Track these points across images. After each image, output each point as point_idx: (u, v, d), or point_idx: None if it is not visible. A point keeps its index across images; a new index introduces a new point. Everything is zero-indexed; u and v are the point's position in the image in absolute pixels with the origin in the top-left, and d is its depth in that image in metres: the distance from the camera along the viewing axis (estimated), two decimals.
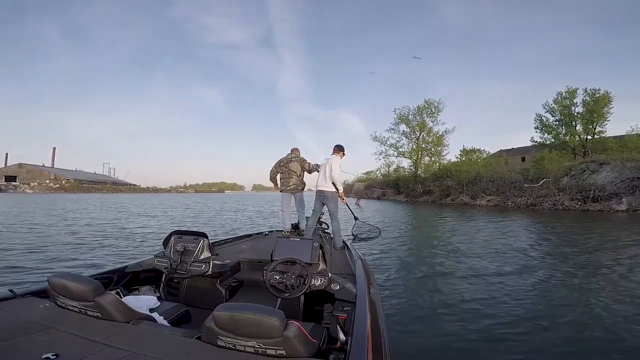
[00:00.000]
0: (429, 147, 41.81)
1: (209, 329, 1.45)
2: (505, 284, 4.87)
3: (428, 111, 41.53)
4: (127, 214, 17.76)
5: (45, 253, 6.82)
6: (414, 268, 6.01)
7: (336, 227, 4.63)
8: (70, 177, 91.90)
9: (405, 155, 43.66)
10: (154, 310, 2.17)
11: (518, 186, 27.01)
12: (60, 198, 41.86)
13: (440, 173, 36.37)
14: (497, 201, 27.22)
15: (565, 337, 3.20)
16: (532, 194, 24.78)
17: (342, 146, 4.94)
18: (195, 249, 2.83)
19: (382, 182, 50.45)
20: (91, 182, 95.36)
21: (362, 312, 1.88)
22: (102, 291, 1.74)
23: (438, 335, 3.22)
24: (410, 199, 37.77)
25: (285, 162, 5.24)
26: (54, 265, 5.87)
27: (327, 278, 2.47)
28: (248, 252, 3.79)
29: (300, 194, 5.35)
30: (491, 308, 3.92)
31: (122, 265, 2.97)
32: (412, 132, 42.63)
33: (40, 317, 1.68)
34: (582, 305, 4.02)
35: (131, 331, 1.65)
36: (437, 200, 33.64)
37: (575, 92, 32.37)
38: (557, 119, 34.31)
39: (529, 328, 3.37)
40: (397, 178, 45.12)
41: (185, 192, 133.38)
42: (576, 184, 22.90)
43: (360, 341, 1.53)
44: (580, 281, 5.10)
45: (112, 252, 7.18)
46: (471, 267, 5.97)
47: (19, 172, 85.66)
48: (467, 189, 31.31)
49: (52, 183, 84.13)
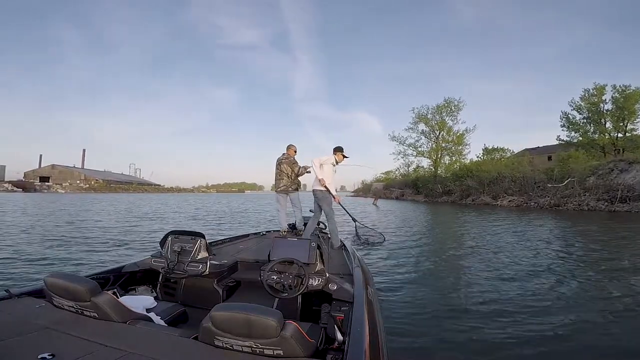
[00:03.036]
0: (449, 147, 41.20)
1: (206, 329, 1.46)
2: (517, 287, 4.67)
3: (448, 110, 41.03)
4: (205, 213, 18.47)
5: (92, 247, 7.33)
6: (420, 268, 5.92)
7: (332, 227, 4.62)
8: (99, 177, 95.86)
9: (424, 154, 43.25)
10: (150, 310, 2.17)
11: (542, 186, 26.26)
12: (98, 197, 43.74)
13: (461, 173, 35.80)
14: (520, 201, 26.57)
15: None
16: (556, 194, 24.07)
17: (341, 147, 4.95)
18: (192, 249, 2.82)
19: (401, 182, 50.01)
20: (118, 182, 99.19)
21: (359, 312, 1.89)
22: (98, 291, 1.75)
23: (437, 335, 3.19)
24: (430, 199, 37.36)
25: (277, 162, 5.32)
26: (105, 258, 6.26)
27: (325, 278, 2.46)
28: (245, 252, 3.82)
29: (295, 194, 5.38)
30: (495, 311, 3.80)
31: (119, 265, 2.97)
32: (432, 132, 42.19)
33: (36, 317, 1.67)
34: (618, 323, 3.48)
35: (128, 331, 1.65)
36: (457, 200, 33.12)
37: (603, 88, 31.11)
38: (584, 116, 33.09)
39: (537, 337, 3.15)
40: (416, 178, 44.69)
41: (207, 192, 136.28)
42: (603, 184, 22.10)
43: (357, 341, 1.54)
44: (612, 292, 4.51)
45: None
46: (482, 269, 5.74)
47: (52, 173, 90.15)
48: (488, 189, 30.72)
49: (82, 183, 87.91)
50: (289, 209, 5.44)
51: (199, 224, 13.57)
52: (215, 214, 18.94)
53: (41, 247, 7.35)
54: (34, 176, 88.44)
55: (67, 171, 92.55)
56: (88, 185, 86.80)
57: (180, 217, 16.84)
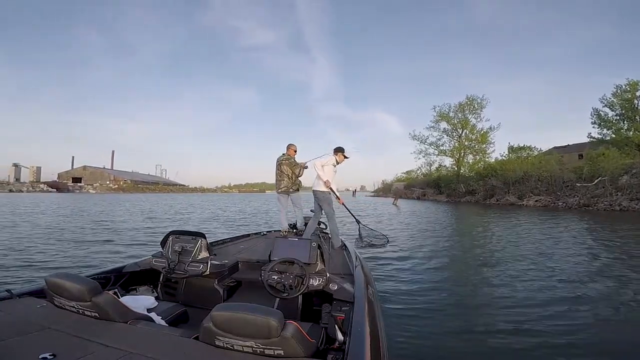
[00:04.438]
0: (473, 145, 40.30)
1: (207, 329, 1.46)
2: (531, 292, 4.45)
3: (470, 108, 40.07)
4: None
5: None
6: (427, 267, 5.82)
7: (333, 227, 4.60)
8: (127, 178, 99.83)
9: (446, 153, 42.45)
10: (151, 310, 2.17)
11: (570, 185, 25.35)
12: (128, 198, 45.53)
13: (485, 172, 34.95)
14: (547, 201, 25.80)
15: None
16: (585, 194, 23.23)
17: (342, 148, 4.90)
18: (193, 249, 2.82)
19: (423, 181, 49.34)
20: (145, 182, 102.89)
21: (360, 312, 1.90)
22: (99, 291, 1.75)
23: (438, 336, 3.16)
24: (452, 199, 36.77)
25: (278, 163, 5.31)
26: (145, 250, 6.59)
27: (325, 278, 2.46)
28: (246, 252, 3.82)
29: (295, 195, 5.37)
30: (500, 314, 3.68)
31: (120, 265, 2.98)
32: (454, 130, 41.34)
33: (37, 317, 1.68)
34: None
35: (129, 331, 1.65)
36: (481, 200, 32.46)
37: (637, 84, 29.59)
38: (617, 113, 31.58)
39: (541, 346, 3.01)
40: (438, 177, 43.94)
41: (230, 191, 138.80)
42: (638, 183, 21.17)
43: (358, 341, 1.54)
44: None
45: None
46: (497, 272, 5.49)
47: (83, 174, 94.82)
48: (513, 188, 29.95)
49: (112, 184, 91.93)
50: (289, 208, 5.45)
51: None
52: (248, 214, 19.45)
53: (69, 245, 7.83)
54: (67, 177, 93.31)
55: (98, 172, 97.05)
56: (117, 186, 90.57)
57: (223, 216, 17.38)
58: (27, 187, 73.82)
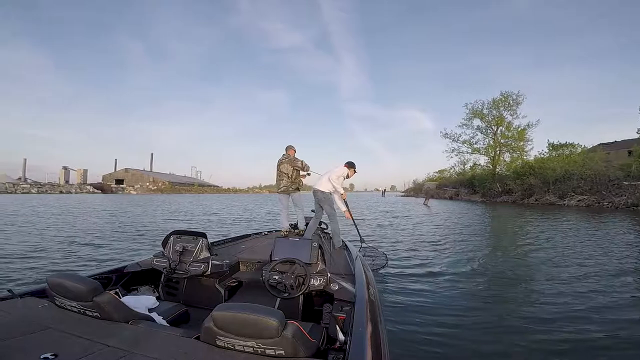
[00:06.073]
0: (509, 142, 38.80)
1: (208, 329, 1.46)
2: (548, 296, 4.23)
3: (505, 104, 38.61)
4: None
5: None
6: (439, 267, 5.62)
7: (334, 227, 4.62)
8: (165, 179, 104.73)
9: (480, 151, 41.17)
10: (152, 310, 2.18)
11: (617, 184, 23.95)
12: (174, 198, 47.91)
13: (523, 171, 33.54)
14: (590, 201, 24.54)
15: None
16: (634, 193, 21.88)
17: (353, 163, 5.00)
18: (194, 249, 2.83)
19: (456, 181, 48.04)
20: (181, 184, 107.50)
21: (361, 312, 1.90)
22: (100, 291, 1.76)
23: (438, 336, 3.14)
24: (487, 199, 35.62)
25: (278, 163, 5.38)
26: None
27: (326, 278, 2.46)
28: (247, 252, 3.84)
29: (296, 195, 5.42)
30: (503, 317, 3.60)
31: (121, 265, 2.99)
32: (488, 127, 40.03)
33: (38, 317, 1.68)
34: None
35: (130, 331, 1.65)
36: (518, 200, 31.28)
37: None
38: None
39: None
40: (472, 176, 42.62)
41: (261, 192, 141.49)
42: None
43: (359, 341, 1.55)
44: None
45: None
46: (518, 276, 5.22)
47: (125, 176, 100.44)
48: (554, 187, 28.65)
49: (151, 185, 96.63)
50: (290, 208, 5.50)
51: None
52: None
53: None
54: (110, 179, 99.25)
55: (138, 174, 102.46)
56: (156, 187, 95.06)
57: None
58: (75, 188, 78.95)
